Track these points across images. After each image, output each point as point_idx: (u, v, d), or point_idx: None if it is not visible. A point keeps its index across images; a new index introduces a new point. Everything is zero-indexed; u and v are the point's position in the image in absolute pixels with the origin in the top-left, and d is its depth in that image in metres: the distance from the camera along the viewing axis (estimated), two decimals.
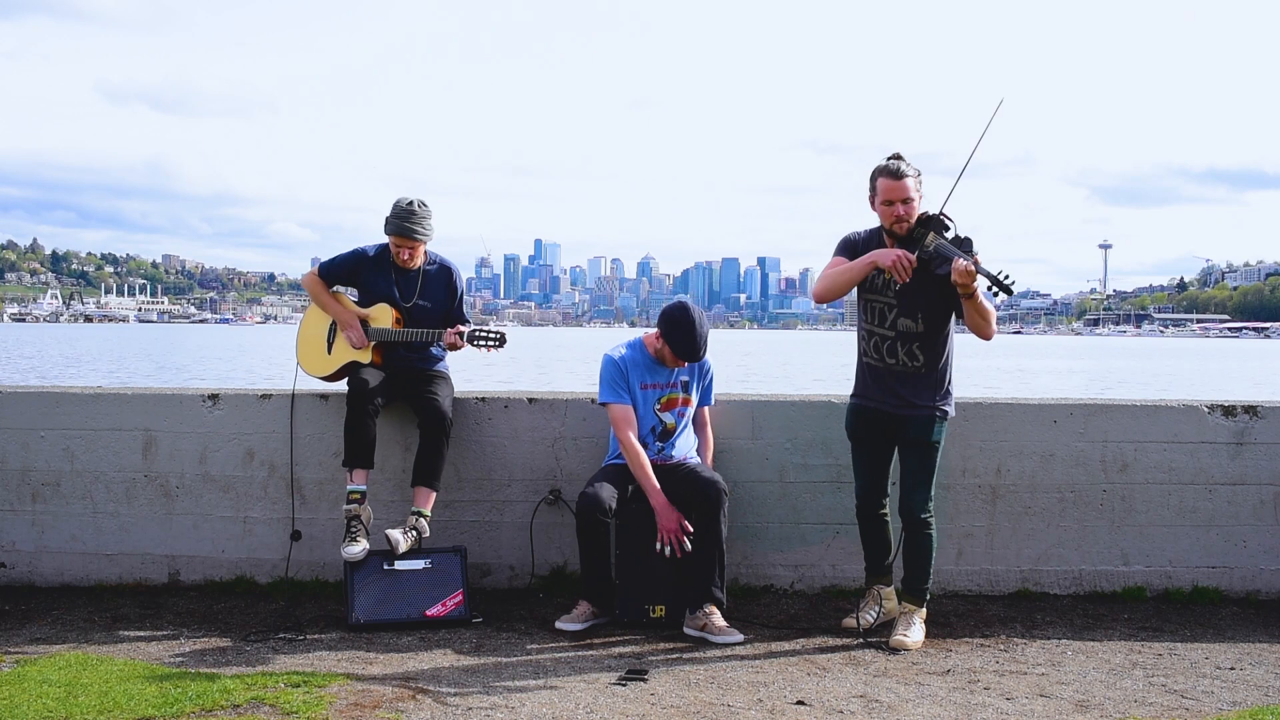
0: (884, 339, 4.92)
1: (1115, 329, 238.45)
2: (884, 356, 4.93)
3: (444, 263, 5.59)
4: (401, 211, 5.35)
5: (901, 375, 4.91)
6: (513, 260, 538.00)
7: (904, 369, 4.90)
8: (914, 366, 4.89)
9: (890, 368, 4.92)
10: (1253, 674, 4.63)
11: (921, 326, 4.86)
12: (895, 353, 4.90)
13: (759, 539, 5.69)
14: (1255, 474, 5.74)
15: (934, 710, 4.13)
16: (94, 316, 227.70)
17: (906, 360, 4.89)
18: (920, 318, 4.85)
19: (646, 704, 4.13)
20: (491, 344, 5.38)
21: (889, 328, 4.89)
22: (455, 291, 5.59)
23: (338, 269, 5.59)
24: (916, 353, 4.88)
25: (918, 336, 4.87)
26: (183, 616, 5.28)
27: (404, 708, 4.03)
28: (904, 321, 4.87)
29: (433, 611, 5.17)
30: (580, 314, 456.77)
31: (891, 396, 4.94)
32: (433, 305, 5.52)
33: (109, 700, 4.03)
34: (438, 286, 5.54)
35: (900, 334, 4.88)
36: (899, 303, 4.85)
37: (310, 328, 5.66)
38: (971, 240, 4.71)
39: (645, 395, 5.30)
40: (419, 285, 5.50)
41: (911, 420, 4.93)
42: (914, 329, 4.87)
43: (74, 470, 5.74)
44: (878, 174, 4.84)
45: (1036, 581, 5.75)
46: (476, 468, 5.74)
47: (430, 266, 5.54)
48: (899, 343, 4.89)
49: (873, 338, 4.95)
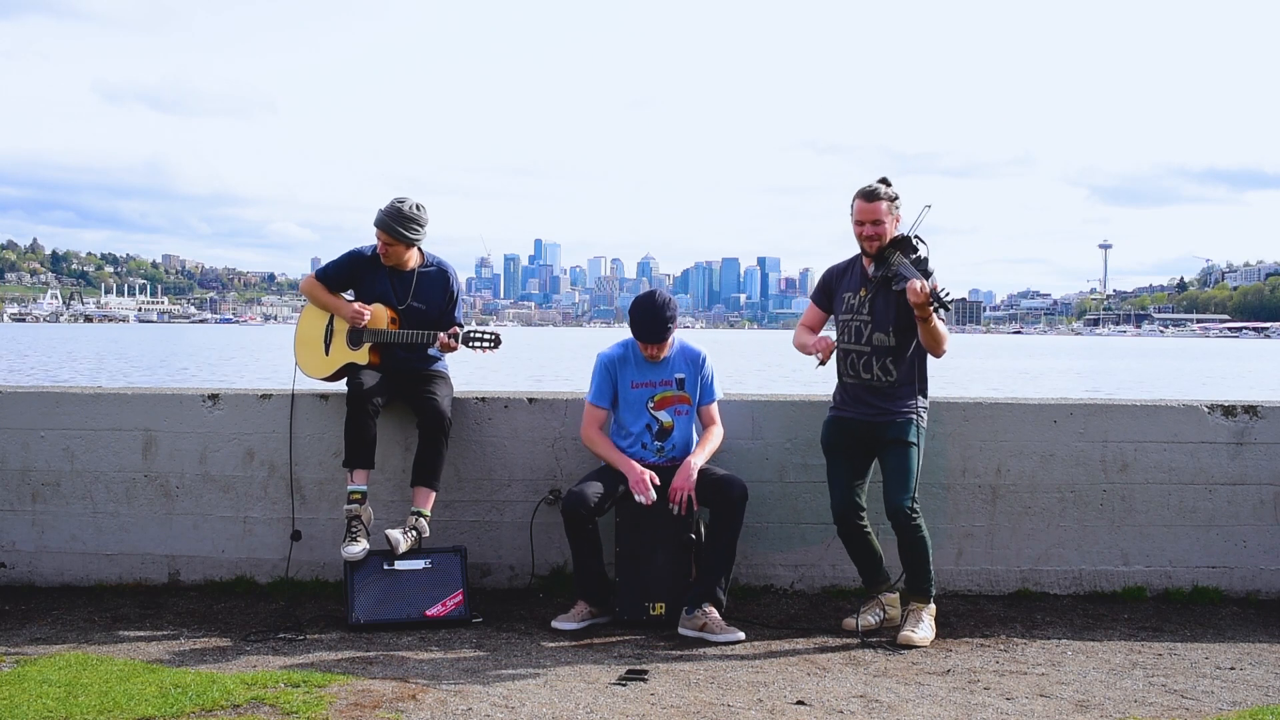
0: (860, 355, 5.12)
1: (1115, 329, 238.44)
2: (859, 372, 5.13)
3: (441, 265, 5.59)
4: (392, 210, 5.35)
5: (876, 389, 5.09)
6: (513, 260, 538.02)
7: (878, 383, 5.09)
8: (886, 380, 5.08)
9: (866, 383, 5.11)
10: (1253, 674, 4.63)
11: (893, 340, 5.06)
12: (870, 368, 5.10)
13: (759, 539, 5.69)
14: (1255, 474, 5.74)
15: (934, 710, 4.13)
16: (94, 316, 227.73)
17: (881, 375, 5.08)
18: (892, 331, 5.06)
19: (646, 704, 4.13)
20: (486, 345, 5.38)
21: (865, 344, 5.10)
22: (451, 295, 5.58)
23: (335, 272, 5.57)
24: (890, 367, 5.08)
25: (890, 350, 5.07)
26: (183, 616, 5.28)
27: (404, 708, 4.03)
28: (879, 336, 5.08)
29: (433, 611, 5.17)
30: (580, 314, 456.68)
31: (868, 408, 5.11)
32: (428, 307, 5.51)
33: (109, 700, 4.02)
34: (433, 289, 5.53)
35: (875, 349, 5.09)
36: (873, 319, 5.08)
37: (307, 329, 5.66)
38: (927, 260, 4.97)
39: (637, 394, 5.31)
40: (413, 286, 5.49)
41: (890, 424, 5.07)
42: (887, 343, 5.07)
43: (74, 470, 5.74)
44: (855, 196, 5.12)
45: (1036, 581, 5.75)
46: (476, 468, 5.75)
47: (427, 269, 5.54)
48: (874, 357, 5.09)
49: (849, 356, 5.16)
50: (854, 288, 5.17)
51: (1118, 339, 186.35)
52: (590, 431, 5.32)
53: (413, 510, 5.34)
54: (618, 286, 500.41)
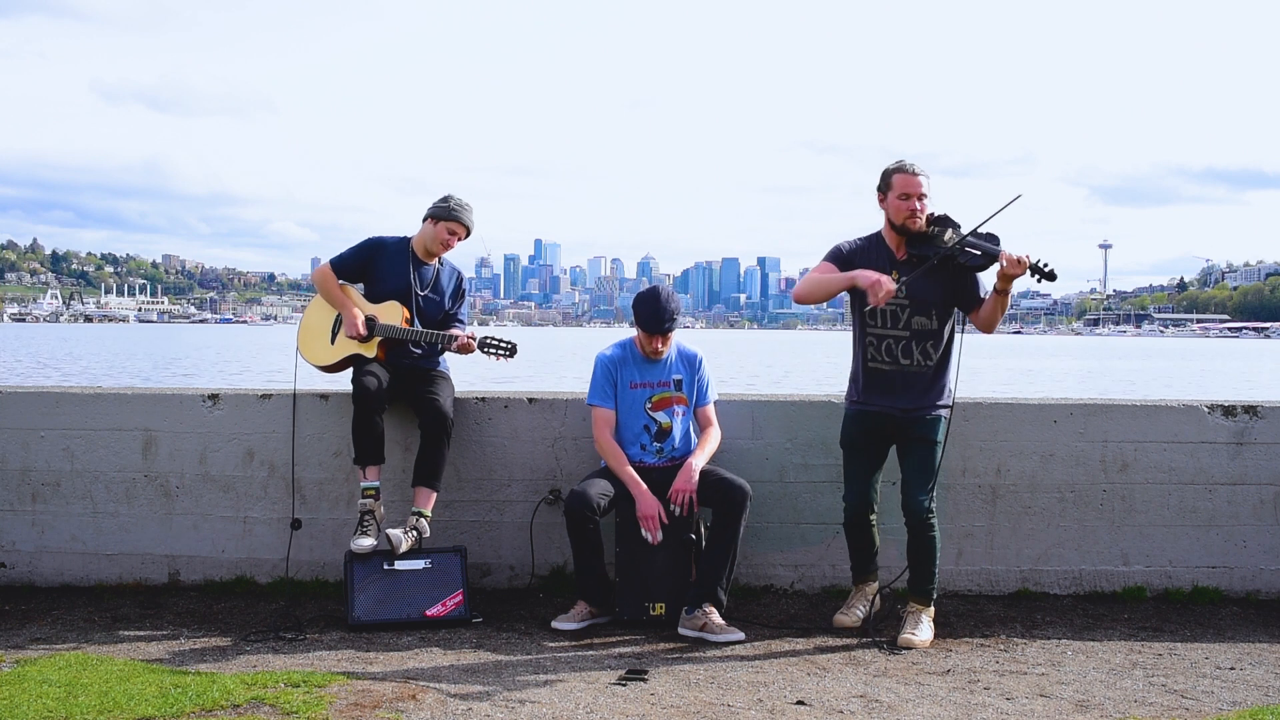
0: (897, 340, 4.94)
1: (1115, 329, 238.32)
2: (898, 358, 4.94)
3: (453, 265, 5.72)
4: (458, 204, 5.52)
5: (912, 376, 4.95)
6: (513, 260, 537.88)
7: (917, 368, 4.94)
8: (926, 365, 4.94)
9: (904, 369, 4.95)
10: (1253, 674, 4.63)
11: (935, 324, 4.93)
12: (910, 353, 4.93)
13: (759, 539, 5.69)
14: (1255, 474, 5.74)
15: (934, 710, 4.13)
16: (94, 316, 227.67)
17: (921, 359, 4.93)
18: (934, 315, 4.92)
19: (646, 704, 4.13)
20: (503, 353, 5.49)
21: (903, 328, 4.93)
22: (461, 293, 5.72)
23: (351, 261, 5.59)
24: (930, 351, 4.93)
25: (932, 334, 4.93)
26: (183, 616, 5.28)
27: (404, 708, 4.03)
28: (919, 320, 4.92)
29: (433, 611, 5.17)
30: (580, 314, 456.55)
31: (900, 399, 4.97)
32: (440, 300, 5.61)
33: (109, 700, 4.02)
34: (449, 284, 5.65)
35: (915, 333, 4.92)
36: (912, 302, 4.90)
37: (314, 317, 5.67)
38: (998, 236, 4.83)
39: (636, 394, 5.31)
40: (435, 278, 5.59)
41: (918, 420, 4.96)
42: (929, 326, 4.93)
43: (74, 470, 5.74)
44: (893, 171, 4.94)
45: (1036, 581, 5.75)
46: (476, 468, 5.75)
47: (444, 264, 5.67)
48: (914, 342, 4.92)
49: (884, 341, 4.96)
50: (882, 268, 4.87)
51: (1118, 339, 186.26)
52: (604, 440, 5.26)
53: (413, 510, 5.34)
54: (618, 286, 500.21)
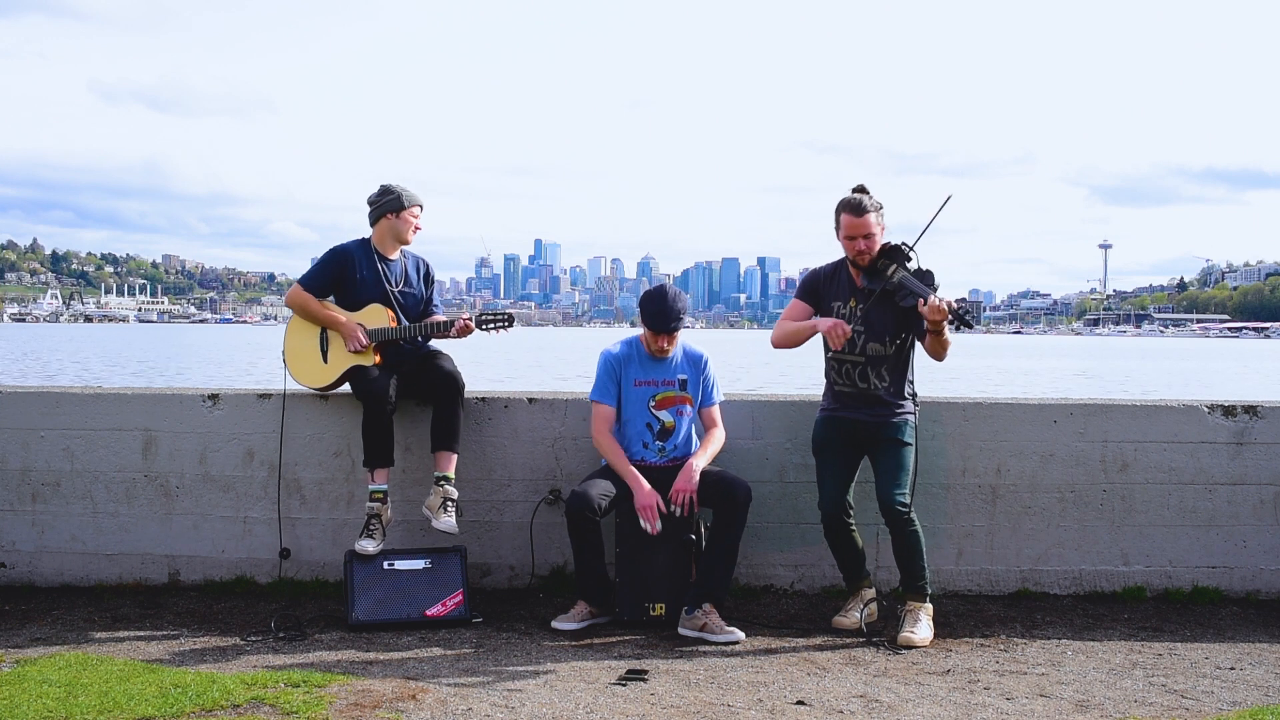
0: (854, 365, 5.12)
1: (1115, 329, 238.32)
2: (855, 381, 5.13)
3: (414, 255, 5.72)
4: (402, 188, 5.51)
5: (869, 396, 5.11)
6: (513, 260, 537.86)
7: (873, 390, 5.10)
8: (882, 387, 5.09)
9: (861, 391, 5.12)
10: (1253, 674, 4.63)
11: (890, 349, 5.08)
12: (866, 377, 5.10)
13: (759, 539, 5.68)
14: (1255, 474, 5.74)
15: (934, 710, 4.13)
16: (94, 316, 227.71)
17: (876, 382, 5.10)
18: (888, 340, 5.07)
19: (646, 704, 4.13)
20: (500, 325, 5.50)
21: (859, 354, 5.10)
22: (431, 281, 5.73)
23: (320, 276, 5.53)
24: (884, 374, 5.10)
25: (885, 359, 5.09)
26: (183, 616, 5.28)
27: (404, 708, 4.03)
28: (873, 346, 5.09)
29: (433, 611, 5.17)
30: (580, 314, 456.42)
31: (863, 412, 5.13)
32: (415, 291, 5.62)
33: (109, 700, 4.02)
34: (417, 273, 5.67)
35: (870, 358, 5.09)
36: (867, 329, 5.06)
37: (297, 340, 5.55)
38: (932, 273, 4.96)
39: (639, 392, 5.31)
40: (404, 271, 5.60)
41: (885, 424, 5.10)
42: (883, 352, 5.09)
43: (74, 470, 5.74)
44: (841, 209, 5.09)
45: (1036, 581, 5.75)
46: (476, 468, 5.74)
47: (405, 257, 5.66)
48: (869, 366, 5.10)
49: (842, 365, 5.16)
50: (843, 297, 5.15)
51: (1118, 339, 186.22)
52: (602, 435, 5.27)
53: (438, 476, 5.34)
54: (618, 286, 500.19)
